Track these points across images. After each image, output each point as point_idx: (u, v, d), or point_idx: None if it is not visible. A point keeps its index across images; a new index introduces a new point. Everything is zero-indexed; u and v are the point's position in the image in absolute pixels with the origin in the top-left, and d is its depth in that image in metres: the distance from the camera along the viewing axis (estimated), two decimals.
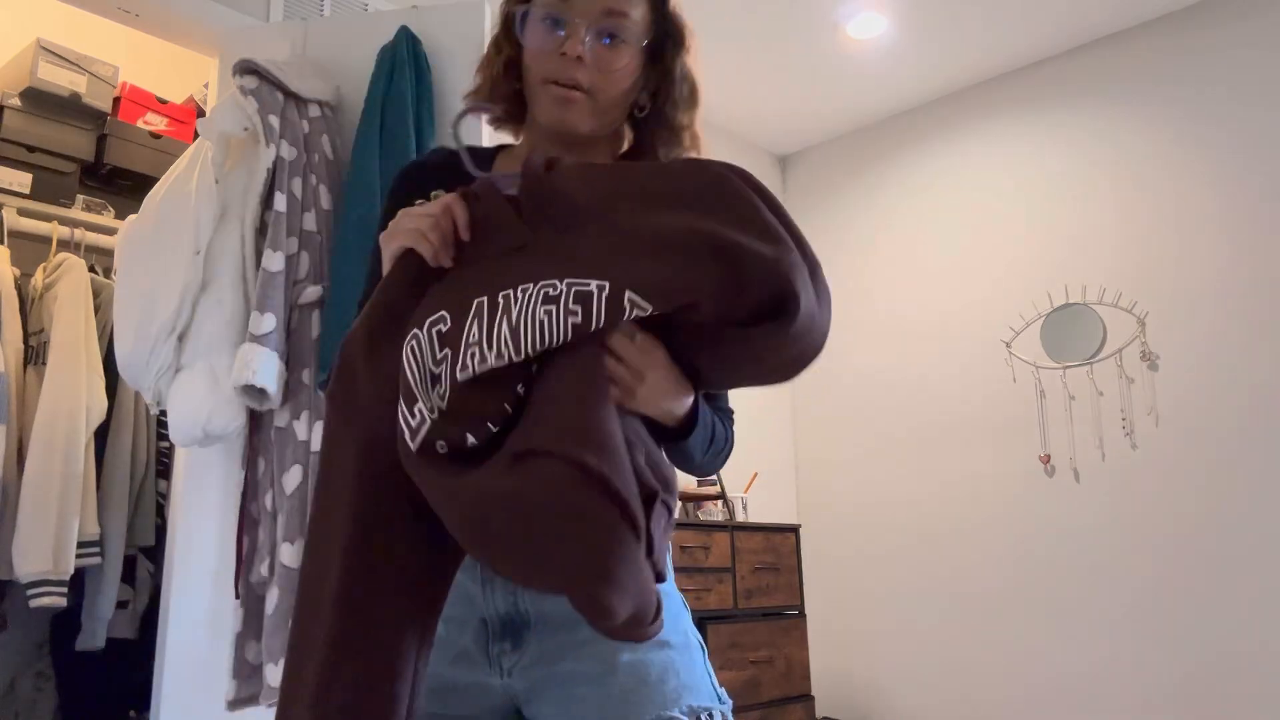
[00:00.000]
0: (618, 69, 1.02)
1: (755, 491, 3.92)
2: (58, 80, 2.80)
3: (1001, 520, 3.71)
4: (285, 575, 1.69)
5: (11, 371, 2.37)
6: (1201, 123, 3.46)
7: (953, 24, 3.68)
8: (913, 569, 3.93)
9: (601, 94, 1.02)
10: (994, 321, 3.85)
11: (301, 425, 1.77)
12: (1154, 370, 3.43)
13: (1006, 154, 3.97)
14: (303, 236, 1.88)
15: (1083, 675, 3.43)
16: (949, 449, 3.90)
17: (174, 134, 3.08)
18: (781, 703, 3.13)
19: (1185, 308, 3.40)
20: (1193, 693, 3.17)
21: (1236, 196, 3.35)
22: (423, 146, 1.94)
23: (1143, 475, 3.40)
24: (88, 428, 2.40)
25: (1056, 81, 3.86)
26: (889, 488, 4.07)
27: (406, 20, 2.08)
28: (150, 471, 2.65)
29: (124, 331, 1.84)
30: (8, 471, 2.32)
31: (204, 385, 1.76)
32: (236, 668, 1.74)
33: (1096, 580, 3.44)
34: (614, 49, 1.02)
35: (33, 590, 2.25)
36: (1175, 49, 3.57)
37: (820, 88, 4.14)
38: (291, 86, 1.94)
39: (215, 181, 1.84)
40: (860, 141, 4.49)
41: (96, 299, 2.56)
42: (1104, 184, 3.66)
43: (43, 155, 2.76)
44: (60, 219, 2.67)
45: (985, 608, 3.70)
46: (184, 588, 1.95)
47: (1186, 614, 3.23)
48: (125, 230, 1.95)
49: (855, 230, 4.40)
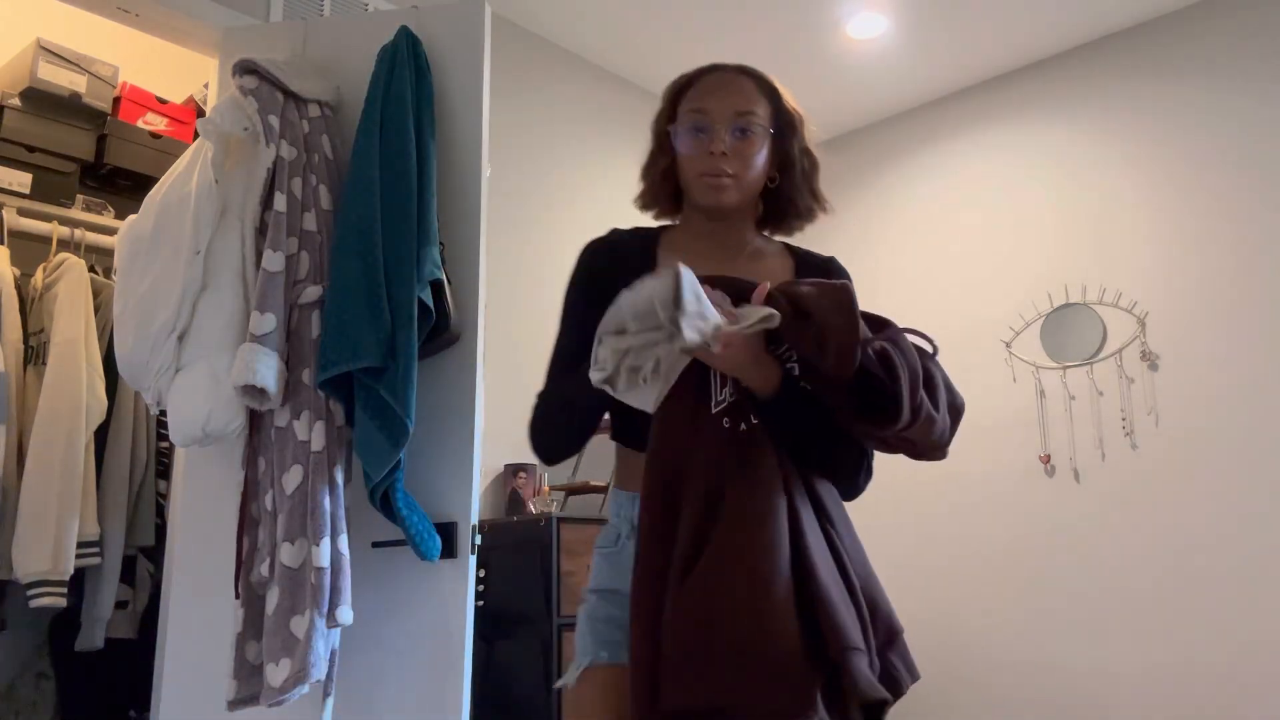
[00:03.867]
0: (753, 154, 1.29)
1: None
2: (58, 80, 2.80)
3: (1001, 520, 3.71)
4: (285, 575, 1.69)
5: (11, 371, 2.37)
6: (1202, 122, 3.46)
7: (953, 24, 3.68)
8: (912, 569, 3.93)
9: (743, 176, 1.29)
10: (994, 321, 3.85)
11: (301, 425, 1.77)
12: (1154, 370, 3.43)
13: (1007, 154, 3.97)
14: (303, 236, 1.87)
15: (1083, 674, 3.43)
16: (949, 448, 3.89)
17: (174, 134, 3.09)
18: None
19: (1185, 308, 3.40)
20: (1193, 691, 3.17)
21: (1237, 197, 3.35)
22: (422, 146, 1.94)
23: (1143, 475, 3.40)
24: (88, 428, 2.40)
25: (1056, 82, 3.86)
26: (888, 488, 4.06)
27: (406, 20, 2.08)
28: (150, 471, 2.65)
29: (124, 331, 1.84)
30: (8, 471, 2.32)
31: (204, 385, 1.76)
32: (236, 668, 1.74)
33: (1096, 580, 3.44)
34: (746, 140, 1.29)
35: (32, 590, 2.25)
36: (1175, 49, 3.57)
37: (820, 88, 4.14)
38: (291, 86, 1.94)
39: (215, 181, 1.84)
40: (860, 141, 4.49)
41: (96, 299, 2.56)
42: (1104, 184, 3.66)
43: (43, 155, 2.76)
44: (60, 219, 2.68)
45: (985, 607, 3.70)
46: (184, 587, 1.95)
47: (1186, 613, 3.23)
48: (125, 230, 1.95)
49: (854, 230, 4.40)
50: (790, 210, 1.38)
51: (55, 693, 2.60)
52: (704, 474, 1.11)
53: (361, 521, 1.88)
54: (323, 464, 1.75)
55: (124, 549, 2.52)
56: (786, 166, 1.35)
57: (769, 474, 1.12)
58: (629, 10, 3.54)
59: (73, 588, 2.33)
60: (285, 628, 1.66)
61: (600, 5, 3.49)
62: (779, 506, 1.10)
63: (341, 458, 1.82)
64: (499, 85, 3.37)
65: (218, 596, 1.86)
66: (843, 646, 1.01)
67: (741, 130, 1.28)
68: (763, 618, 1.01)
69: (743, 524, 1.07)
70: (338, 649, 1.81)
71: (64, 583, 2.27)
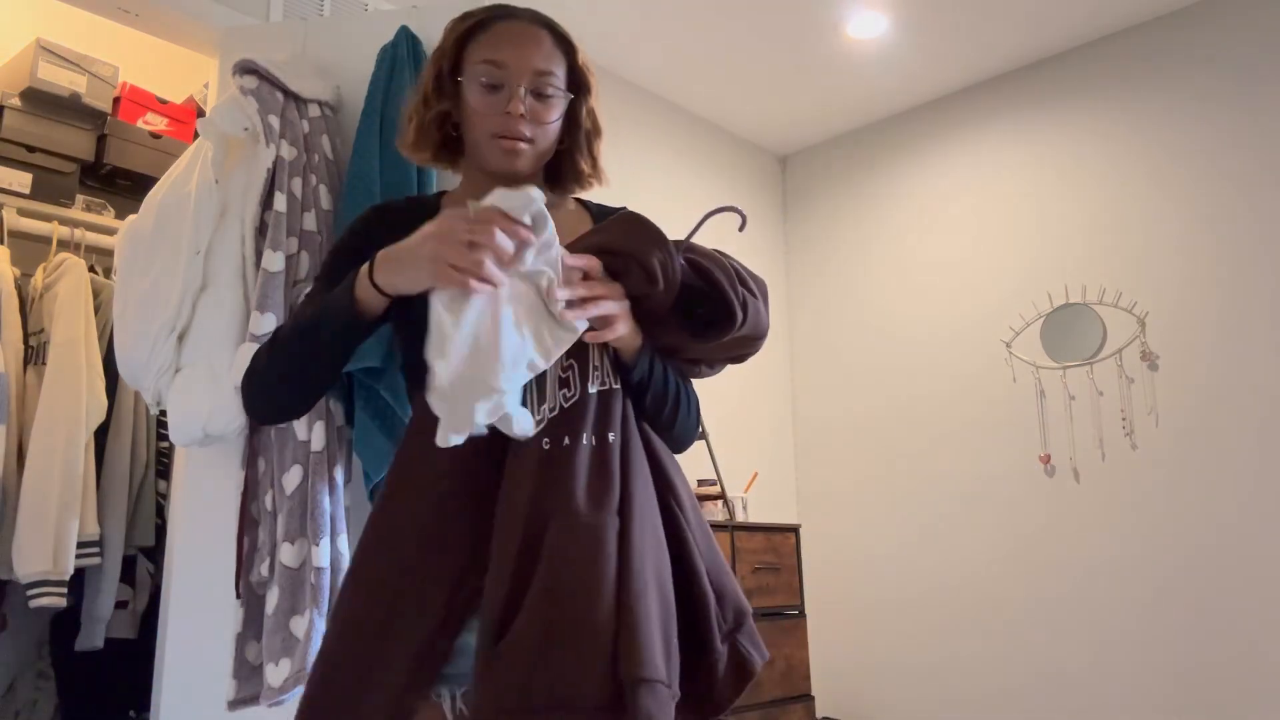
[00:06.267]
0: (550, 119, 1.21)
1: (755, 491, 3.92)
2: (58, 80, 2.80)
3: (1001, 520, 3.71)
4: (285, 575, 1.69)
5: (11, 371, 2.37)
6: (1203, 122, 3.46)
7: (953, 24, 3.68)
8: (912, 569, 3.93)
9: (539, 141, 1.20)
10: (994, 321, 3.85)
11: (301, 425, 1.77)
12: (1154, 370, 3.43)
13: (1007, 153, 3.97)
14: (303, 236, 1.87)
15: (1082, 675, 3.43)
16: (949, 449, 3.90)
17: (174, 134, 3.08)
18: (781, 703, 3.13)
19: (1185, 308, 3.40)
20: (1192, 692, 3.17)
21: (1237, 196, 3.35)
22: None
23: (1143, 475, 3.40)
24: (88, 428, 2.39)
25: (1056, 81, 3.86)
26: (889, 488, 4.07)
27: (406, 20, 2.08)
28: (150, 471, 2.65)
29: (124, 331, 1.84)
30: (8, 471, 2.32)
31: (204, 385, 1.76)
32: (236, 668, 1.74)
33: (1096, 580, 3.44)
34: (545, 104, 1.20)
35: (32, 590, 2.25)
36: (1175, 48, 3.57)
37: (820, 88, 4.14)
38: (291, 86, 1.94)
39: (215, 181, 1.84)
40: (860, 141, 4.49)
41: (96, 299, 2.56)
42: (1104, 183, 3.66)
43: (43, 155, 2.76)
44: (60, 219, 2.67)
45: (985, 608, 3.70)
46: (184, 587, 1.95)
47: (1186, 614, 3.23)
48: (125, 230, 1.95)
49: (855, 230, 4.40)
50: (570, 174, 1.30)
51: (55, 692, 2.60)
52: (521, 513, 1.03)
53: (361, 521, 1.88)
54: (323, 464, 1.75)
55: (124, 549, 2.52)
56: (573, 129, 1.27)
57: (603, 486, 1.05)
58: (627, 9, 3.54)
59: (73, 588, 2.33)
60: (285, 628, 1.66)
61: (598, 3, 3.49)
62: (607, 528, 1.03)
63: (341, 458, 1.82)
64: None
65: (218, 596, 1.86)
66: (636, 677, 0.96)
67: (539, 92, 1.19)
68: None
69: (567, 566, 0.99)
70: None
71: (64, 583, 2.27)
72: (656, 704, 0.96)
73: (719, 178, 4.37)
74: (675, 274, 1.10)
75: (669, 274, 1.09)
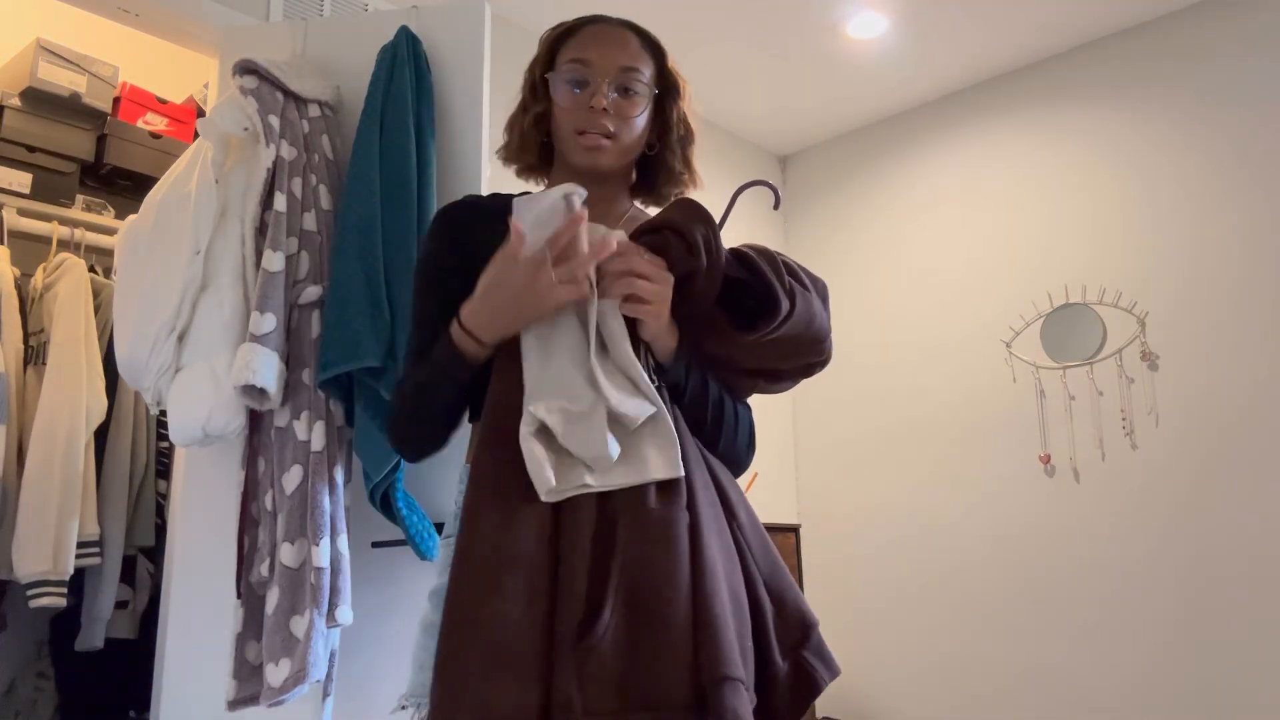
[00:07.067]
0: (634, 115, 1.22)
1: (755, 491, 3.92)
2: (58, 80, 2.80)
3: (1001, 520, 3.71)
4: (285, 575, 1.69)
5: (11, 371, 2.37)
6: (1202, 122, 3.46)
7: (953, 24, 3.68)
8: (913, 569, 3.93)
9: (622, 137, 1.21)
10: (994, 321, 3.85)
11: (301, 425, 1.77)
12: (1154, 370, 3.43)
13: (1007, 153, 3.97)
14: (303, 236, 1.87)
15: (1083, 675, 3.43)
16: (949, 449, 3.90)
17: (174, 134, 3.08)
18: None
19: (1185, 308, 3.40)
20: (1193, 692, 3.17)
21: (1237, 195, 3.35)
22: (423, 146, 1.94)
23: (1143, 475, 3.40)
24: (88, 428, 2.39)
25: (1056, 81, 3.86)
26: (889, 488, 4.07)
27: (406, 20, 2.08)
28: (150, 471, 2.65)
29: (124, 331, 1.84)
30: (8, 471, 2.32)
31: (204, 385, 1.75)
32: (236, 668, 1.74)
33: (1096, 580, 3.44)
34: (629, 99, 1.22)
35: (32, 590, 2.25)
36: (1175, 49, 3.57)
37: (820, 88, 4.14)
38: (291, 86, 1.94)
39: (215, 181, 1.84)
40: (860, 141, 4.49)
41: (96, 299, 2.56)
42: (1104, 183, 3.66)
43: (43, 155, 2.76)
44: (60, 219, 2.67)
45: (985, 608, 3.70)
46: (184, 587, 1.95)
47: (1187, 613, 3.23)
48: (125, 230, 1.95)
49: (855, 230, 4.40)
50: (663, 176, 1.31)
51: (56, 692, 2.60)
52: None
53: (361, 521, 1.88)
54: (323, 464, 1.75)
55: (124, 549, 2.52)
56: (665, 132, 1.29)
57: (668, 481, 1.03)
58: (629, 10, 3.53)
59: (73, 588, 2.33)
60: (285, 628, 1.66)
61: (598, 5, 3.49)
62: (679, 523, 1.01)
63: (341, 458, 1.82)
64: (499, 85, 3.36)
65: (218, 596, 1.86)
66: (720, 675, 0.95)
67: (624, 88, 1.21)
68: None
69: (644, 560, 0.98)
70: (337, 649, 1.81)
71: (64, 583, 2.27)
72: (740, 702, 0.95)
73: (719, 178, 4.36)
74: (718, 253, 1.09)
75: (711, 249, 1.08)
